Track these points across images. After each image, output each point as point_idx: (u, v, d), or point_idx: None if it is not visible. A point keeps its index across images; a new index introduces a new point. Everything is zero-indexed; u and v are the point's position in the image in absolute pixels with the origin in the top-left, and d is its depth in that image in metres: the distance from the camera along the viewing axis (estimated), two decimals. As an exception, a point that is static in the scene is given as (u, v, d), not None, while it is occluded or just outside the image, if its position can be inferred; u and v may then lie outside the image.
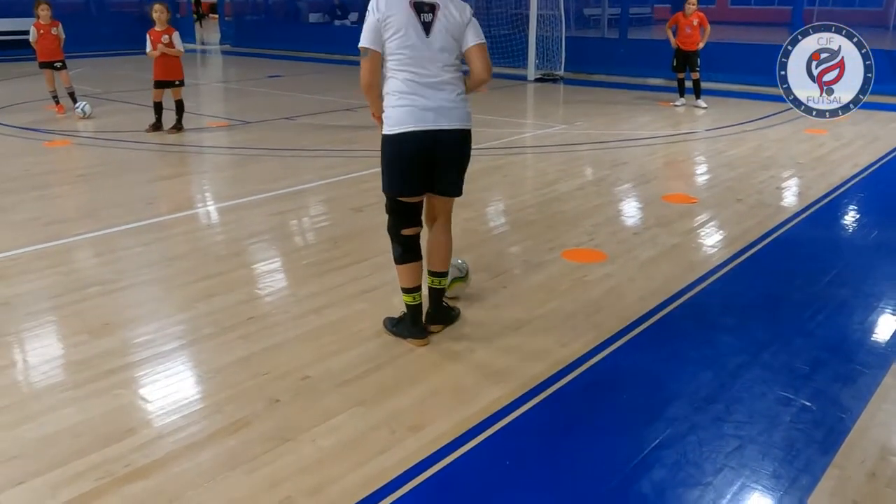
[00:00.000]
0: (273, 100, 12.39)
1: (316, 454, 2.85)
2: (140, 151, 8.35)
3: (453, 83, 3.54)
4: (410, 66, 3.48)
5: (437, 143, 3.51)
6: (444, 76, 3.51)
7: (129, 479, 2.71)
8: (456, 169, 3.67)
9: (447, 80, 3.52)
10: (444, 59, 3.50)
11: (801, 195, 6.69)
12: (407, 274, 3.75)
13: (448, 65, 3.52)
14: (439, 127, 3.50)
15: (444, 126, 3.51)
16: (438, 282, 3.88)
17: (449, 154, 3.59)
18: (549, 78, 15.09)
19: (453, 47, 3.53)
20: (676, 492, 2.65)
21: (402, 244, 3.73)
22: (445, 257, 3.84)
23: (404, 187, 3.62)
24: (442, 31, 3.48)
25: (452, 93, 3.54)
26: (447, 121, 3.52)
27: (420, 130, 3.48)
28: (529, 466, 2.82)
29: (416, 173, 3.57)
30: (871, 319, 4.13)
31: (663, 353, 3.74)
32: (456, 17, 3.52)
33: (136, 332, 3.89)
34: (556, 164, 7.86)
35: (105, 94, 12.52)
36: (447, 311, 4.00)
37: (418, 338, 3.77)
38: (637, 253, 5.09)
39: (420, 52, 3.46)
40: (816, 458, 2.84)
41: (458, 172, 3.69)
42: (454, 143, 3.57)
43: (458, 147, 3.60)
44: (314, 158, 7.97)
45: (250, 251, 5.19)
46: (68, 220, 5.87)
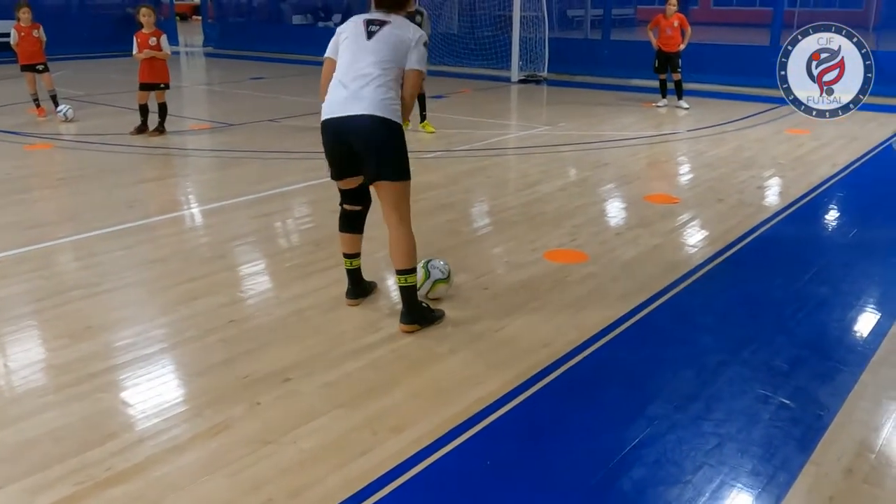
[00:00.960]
0: (256, 102, 12.37)
1: (297, 456, 2.85)
2: (122, 154, 8.31)
3: (377, 80, 3.67)
4: (346, 64, 3.77)
5: (348, 130, 3.70)
6: (369, 71, 3.68)
7: (109, 483, 2.70)
8: (374, 156, 3.73)
9: (371, 74, 3.68)
10: (374, 59, 3.70)
11: (782, 195, 6.76)
12: (344, 241, 4.21)
13: (376, 63, 3.69)
14: (348, 113, 3.68)
15: (352, 112, 3.67)
16: (404, 279, 3.88)
17: (362, 139, 3.71)
18: (533, 79, 15.14)
19: (389, 56, 3.72)
20: (657, 490, 2.67)
21: (344, 216, 4.18)
22: (403, 254, 3.85)
23: (333, 171, 3.96)
24: (382, 41, 3.73)
25: (371, 85, 3.67)
26: (357, 108, 3.66)
27: (334, 118, 3.73)
28: (510, 466, 2.83)
29: (339, 160, 3.87)
30: (850, 317, 4.18)
31: (644, 352, 3.77)
32: (403, 36, 3.76)
33: (118, 336, 3.87)
34: (539, 165, 7.90)
35: (87, 96, 12.45)
36: (423, 311, 4.00)
37: (348, 298, 4.27)
38: (619, 253, 5.12)
39: (355, 52, 3.75)
40: (794, 456, 2.87)
41: (378, 159, 3.73)
42: (365, 129, 3.67)
43: (369, 133, 3.68)
44: (297, 161, 7.96)
45: (233, 254, 5.18)
46: (50, 223, 5.83)
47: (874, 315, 4.18)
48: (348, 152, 3.78)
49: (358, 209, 4.14)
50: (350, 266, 4.25)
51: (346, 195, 4.09)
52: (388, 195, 3.81)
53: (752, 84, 13.21)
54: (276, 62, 18.91)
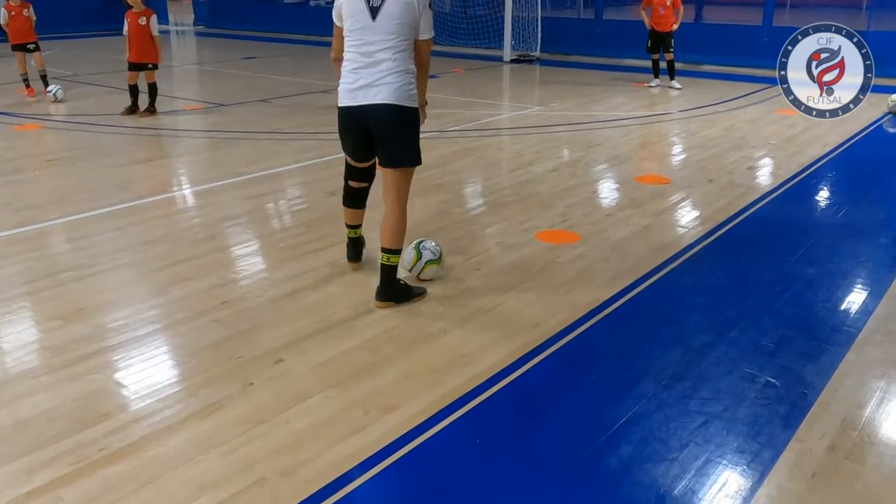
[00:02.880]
0: (248, 82, 12.30)
1: (290, 436, 2.89)
2: (113, 135, 8.28)
3: (391, 61, 3.71)
4: (356, 47, 3.76)
5: (366, 117, 3.79)
6: (383, 55, 3.71)
7: (104, 462, 2.73)
8: (390, 142, 3.84)
9: (385, 59, 3.71)
10: (388, 43, 3.70)
11: (772, 175, 6.79)
12: (348, 215, 4.41)
13: (389, 47, 3.71)
14: (367, 102, 3.75)
15: (371, 101, 3.74)
16: (387, 258, 3.96)
17: (379, 127, 3.80)
18: (525, 59, 15.09)
19: (400, 31, 3.70)
20: (643, 467, 2.72)
21: (348, 192, 4.33)
22: (393, 234, 3.92)
23: (349, 153, 4.10)
24: (389, 16, 3.68)
25: (387, 71, 3.71)
26: (376, 97, 3.73)
27: (352, 106, 3.80)
28: (500, 444, 2.88)
29: (356, 143, 3.97)
30: (836, 297, 4.23)
31: (633, 331, 3.81)
32: (409, 2, 3.69)
33: (110, 317, 3.89)
34: (531, 145, 7.90)
35: (76, 76, 12.37)
36: (399, 289, 4.06)
37: (350, 261, 4.51)
38: (609, 234, 5.15)
39: (365, 35, 3.72)
40: (779, 433, 2.92)
41: (394, 146, 3.84)
42: (383, 116, 3.76)
43: (387, 120, 3.77)
44: (289, 141, 7.95)
45: (225, 235, 5.19)
46: (40, 205, 5.82)
47: (860, 295, 4.23)
48: (365, 138, 3.89)
49: (364, 186, 4.31)
50: (353, 235, 4.48)
51: (354, 172, 4.23)
52: (394, 179, 3.91)
53: (745, 64, 13.21)
54: (268, 42, 18.78)
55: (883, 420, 3.02)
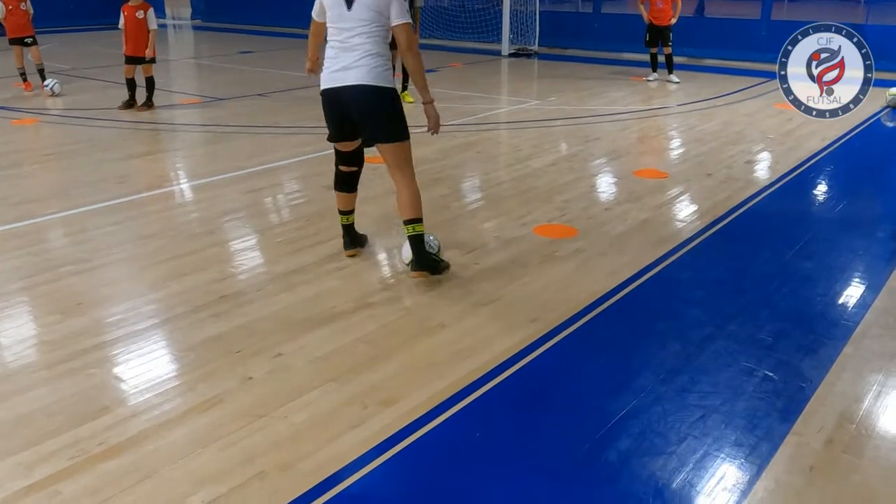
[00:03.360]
0: (245, 76, 12.28)
1: (289, 430, 2.90)
2: (110, 129, 8.27)
3: (365, 45, 3.95)
4: (335, 36, 4.02)
5: (346, 97, 4.01)
6: (358, 40, 3.94)
7: (103, 456, 2.73)
8: (369, 122, 4.07)
9: (360, 44, 3.95)
10: (361, 28, 3.94)
11: (770, 169, 6.79)
12: (340, 200, 4.55)
13: (363, 32, 3.94)
14: (344, 84, 3.99)
15: (348, 83, 3.98)
16: (412, 228, 4.13)
17: (358, 107, 4.03)
18: (524, 53, 15.08)
19: (373, 18, 3.94)
20: (642, 460, 2.73)
21: (339, 177, 4.49)
22: (411, 204, 4.12)
23: (333, 134, 4.28)
24: (362, 5, 3.92)
25: (361, 54, 3.95)
26: (351, 78, 3.97)
27: (332, 88, 4.04)
28: (500, 438, 2.88)
29: (339, 124, 4.18)
30: (834, 291, 4.23)
31: (632, 325, 3.82)
32: None
33: (109, 312, 3.89)
34: (530, 139, 7.90)
35: (73, 70, 12.34)
36: (431, 260, 4.23)
37: (346, 249, 4.62)
38: (608, 228, 5.15)
39: (341, 23, 3.97)
40: (776, 427, 2.93)
41: (372, 123, 4.07)
42: (359, 97, 3.98)
43: (364, 99, 3.99)
44: (287, 135, 7.93)
45: (223, 229, 5.19)
46: (38, 199, 5.81)
47: (858, 288, 4.23)
48: (346, 118, 4.12)
49: (354, 170, 4.48)
50: (346, 221, 4.61)
51: (342, 157, 4.41)
52: (389, 156, 4.12)
53: (743, 58, 13.20)
54: (265, 35, 18.75)
55: (880, 413, 3.03)
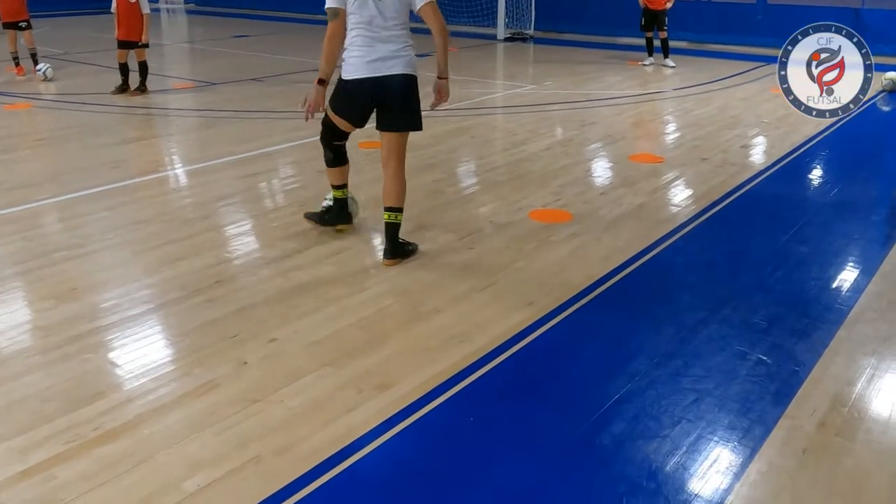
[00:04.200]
0: (239, 60, 12.21)
1: (284, 414, 2.90)
2: (103, 114, 8.22)
3: (398, 37, 4.10)
4: (366, 28, 4.06)
5: (382, 87, 4.09)
6: (391, 33, 4.07)
7: (99, 441, 2.74)
8: (405, 109, 4.18)
9: (393, 36, 4.08)
10: (393, 21, 4.06)
11: (766, 154, 6.80)
12: (335, 175, 4.57)
13: (397, 24, 4.07)
14: (385, 73, 4.08)
15: (391, 72, 4.08)
16: (395, 217, 4.27)
17: (392, 95, 4.12)
18: (519, 37, 15.01)
19: (402, 10, 4.08)
20: (636, 444, 2.74)
21: (333, 151, 4.48)
22: (398, 194, 4.27)
23: (352, 119, 4.28)
24: None
25: (397, 44, 4.09)
26: (390, 68, 4.08)
27: (370, 77, 4.08)
28: (494, 422, 2.89)
29: (363, 111, 4.23)
30: (828, 275, 4.25)
31: (626, 310, 3.83)
32: None
33: (103, 297, 3.88)
34: (525, 124, 7.88)
35: (65, 55, 12.25)
36: (403, 246, 4.36)
37: (346, 223, 4.67)
38: (603, 213, 5.15)
39: (374, 16, 4.03)
40: (770, 410, 2.94)
41: (401, 111, 4.18)
42: (397, 85, 4.10)
43: (400, 89, 4.12)
44: (282, 120, 7.90)
45: (217, 214, 5.17)
46: (32, 184, 5.79)
47: (852, 273, 4.25)
48: (375, 106, 4.19)
49: (344, 143, 4.53)
50: (342, 195, 4.65)
51: (342, 135, 4.42)
52: (398, 143, 4.25)
53: (739, 42, 13.17)
54: (259, 20, 18.62)
55: (873, 397, 3.04)
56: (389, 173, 4.26)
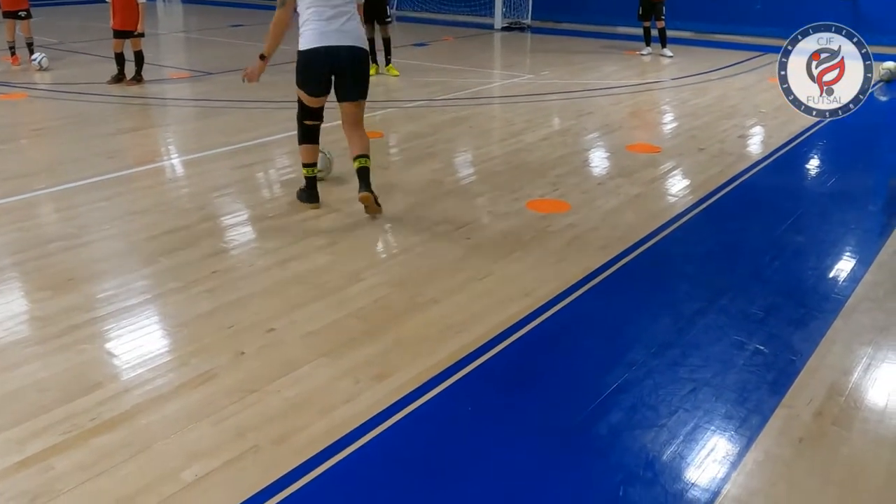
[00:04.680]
0: (236, 50, 12.15)
1: (281, 405, 2.90)
2: (99, 104, 8.19)
3: (348, 13, 4.62)
4: (321, 4, 4.58)
5: (334, 56, 4.59)
6: (342, 9, 4.60)
7: (96, 431, 2.73)
8: (359, 80, 4.72)
9: (344, 12, 4.61)
10: (340, 2, 4.59)
11: (763, 143, 6.79)
12: (306, 153, 4.96)
13: (342, 4, 4.60)
14: (341, 44, 4.58)
15: (345, 43, 4.59)
16: (365, 161, 4.75)
17: (345, 65, 4.63)
18: (516, 27, 14.96)
19: None
20: (633, 433, 2.75)
21: (306, 131, 4.91)
22: (364, 145, 4.79)
23: (312, 91, 4.73)
24: None
25: (352, 21, 4.64)
26: (348, 41, 4.60)
27: (326, 46, 4.57)
28: (492, 412, 2.90)
29: (320, 80, 4.69)
30: (825, 265, 4.25)
31: (624, 300, 3.83)
32: None
33: (100, 287, 3.87)
34: (522, 114, 7.86)
35: (61, 44, 12.18)
36: None
37: (313, 202, 5.01)
38: (600, 203, 5.15)
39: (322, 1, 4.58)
40: (767, 399, 2.95)
41: (354, 82, 4.70)
42: (348, 55, 4.61)
43: (352, 60, 4.64)
44: (278, 110, 7.87)
45: (214, 205, 5.16)
46: (27, 174, 5.76)
47: (849, 262, 4.25)
48: (329, 76, 4.67)
49: (318, 123, 4.95)
50: (311, 174, 5.02)
51: (312, 113, 4.86)
52: (355, 111, 4.80)
53: (737, 32, 13.14)
54: (255, 9, 18.48)
55: (869, 386, 3.05)
56: (354, 135, 4.81)
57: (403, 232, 4.64)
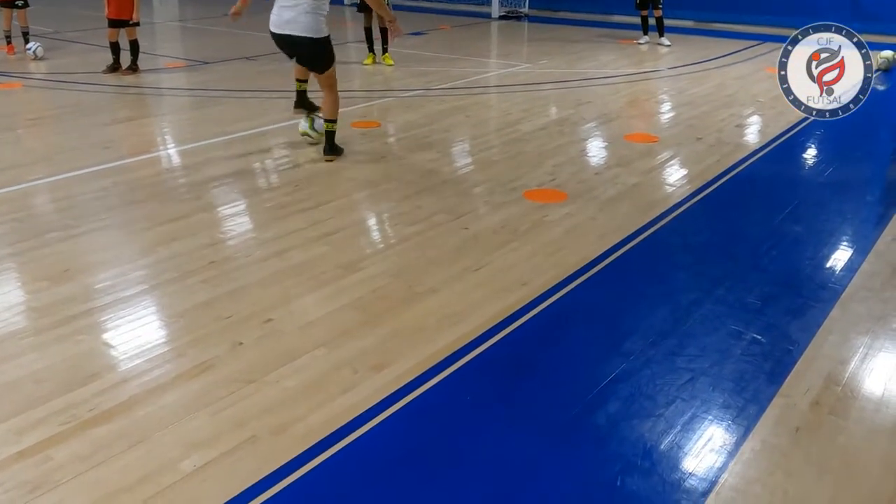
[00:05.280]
0: (232, 39, 12.09)
1: (279, 395, 2.90)
2: (95, 94, 8.15)
3: (302, 5, 5.26)
4: None
5: (287, 42, 5.43)
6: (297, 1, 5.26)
7: (94, 422, 2.73)
8: (307, 60, 5.58)
9: (299, 4, 5.27)
10: None
11: (760, 133, 6.79)
12: (299, 70, 6.04)
13: None
14: (290, 33, 5.35)
15: (291, 32, 5.34)
16: (330, 126, 5.72)
17: (300, 51, 5.49)
18: (514, 15, 14.91)
19: None
20: (630, 423, 2.76)
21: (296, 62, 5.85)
22: (332, 109, 5.67)
23: (287, 56, 5.70)
24: None
25: (300, 12, 5.28)
26: (293, 29, 5.33)
27: (280, 34, 5.40)
28: (490, 402, 2.90)
29: (288, 54, 5.61)
30: (822, 255, 4.25)
31: (621, 290, 3.83)
32: None
33: (97, 278, 3.87)
34: (520, 103, 7.85)
35: (56, 33, 12.11)
36: (337, 147, 5.83)
37: (295, 107, 6.28)
38: (598, 192, 5.14)
39: None
40: (764, 389, 2.96)
41: (312, 62, 5.56)
42: (301, 44, 5.38)
43: (304, 47, 5.40)
44: (275, 100, 7.84)
45: (211, 195, 5.15)
46: (23, 164, 5.74)
47: (846, 252, 4.26)
48: (292, 51, 5.54)
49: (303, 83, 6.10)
50: (301, 88, 6.12)
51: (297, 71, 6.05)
52: (321, 79, 5.63)
53: (735, 21, 13.10)
54: (251, -3, 18.41)
55: (866, 376, 3.06)
56: (324, 95, 5.67)
57: (401, 222, 4.63)
